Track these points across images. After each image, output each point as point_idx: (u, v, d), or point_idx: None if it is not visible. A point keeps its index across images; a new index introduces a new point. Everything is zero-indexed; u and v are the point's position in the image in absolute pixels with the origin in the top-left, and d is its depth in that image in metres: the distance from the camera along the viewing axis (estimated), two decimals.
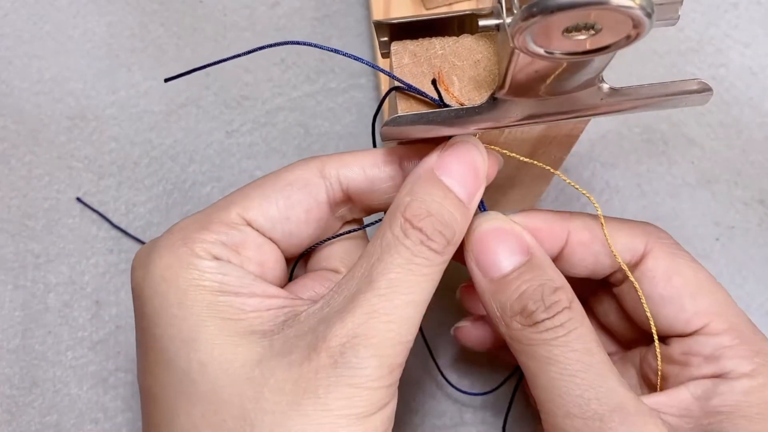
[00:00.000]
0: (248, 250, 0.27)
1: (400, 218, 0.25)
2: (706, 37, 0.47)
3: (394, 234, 0.25)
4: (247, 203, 0.27)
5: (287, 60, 0.47)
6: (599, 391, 0.25)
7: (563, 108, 0.27)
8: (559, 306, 0.26)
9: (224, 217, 0.26)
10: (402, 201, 0.25)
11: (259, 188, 0.27)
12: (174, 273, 0.25)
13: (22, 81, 0.47)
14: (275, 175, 0.28)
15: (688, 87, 0.27)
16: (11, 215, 0.44)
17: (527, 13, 0.20)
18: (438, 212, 0.25)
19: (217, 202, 0.28)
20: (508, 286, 0.27)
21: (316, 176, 0.28)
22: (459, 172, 0.26)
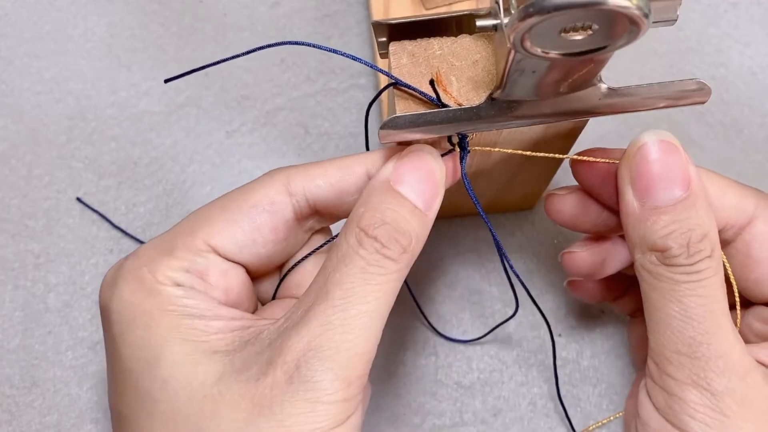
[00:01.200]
0: (213, 276, 0.27)
1: (355, 228, 0.25)
2: (705, 37, 0.47)
3: (349, 244, 0.24)
4: (212, 228, 0.27)
5: (287, 60, 0.47)
6: (712, 337, 0.26)
7: (562, 108, 0.27)
8: (701, 255, 0.26)
9: (189, 243, 0.26)
10: (357, 212, 0.25)
11: (225, 211, 0.27)
12: (139, 298, 0.25)
13: (22, 81, 0.47)
14: (241, 194, 0.28)
15: (688, 87, 0.27)
16: (11, 215, 0.44)
17: (524, 13, 0.20)
18: (393, 220, 0.25)
19: (183, 222, 0.27)
20: (657, 220, 0.27)
21: (281, 194, 0.27)
22: (414, 181, 0.26)
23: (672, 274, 0.26)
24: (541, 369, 0.40)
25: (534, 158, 0.34)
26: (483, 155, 0.32)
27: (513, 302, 0.41)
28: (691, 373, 0.26)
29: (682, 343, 0.26)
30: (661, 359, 0.27)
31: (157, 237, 0.27)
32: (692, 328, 0.26)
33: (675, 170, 0.27)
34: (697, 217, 0.26)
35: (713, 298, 0.26)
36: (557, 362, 0.40)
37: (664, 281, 0.26)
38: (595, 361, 0.40)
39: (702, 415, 0.26)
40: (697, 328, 0.26)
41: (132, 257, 0.27)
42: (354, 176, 0.28)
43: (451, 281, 0.42)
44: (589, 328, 0.41)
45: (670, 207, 0.26)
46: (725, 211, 0.29)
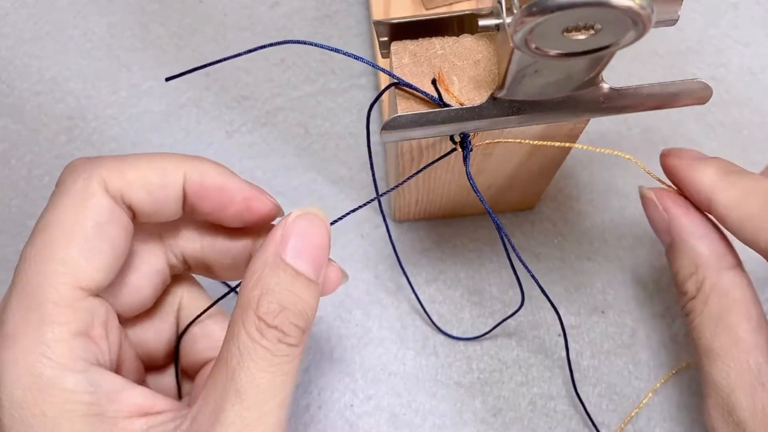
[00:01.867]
0: (96, 327, 0.24)
1: (253, 317, 0.23)
2: (706, 37, 0.47)
3: (250, 336, 0.23)
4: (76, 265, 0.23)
5: (287, 60, 0.47)
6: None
7: (563, 108, 0.27)
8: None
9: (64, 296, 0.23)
10: (252, 296, 0.24)
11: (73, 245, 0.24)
12: (36, 399, 0.22)
13: (22, 81, 0.47)
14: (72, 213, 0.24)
15: (688, 87, 0.27)
16: (11, 215, 0.44)
17: (527, 12, 0.20)
18: (291, 303, 0.24)
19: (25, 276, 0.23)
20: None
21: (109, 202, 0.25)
22: (307, 252, 0.25)
23: None
24: (541, 369, 0.40)
25: (534, 158, 0.34)
26: (483, 155, 0.32)
27: (513, 302, 0.41)
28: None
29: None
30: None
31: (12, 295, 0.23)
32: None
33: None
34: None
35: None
36: (558, 362, 0.40)
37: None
38: (595, 361, 0.40)
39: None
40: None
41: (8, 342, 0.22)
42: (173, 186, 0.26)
43: (451, 281, 0.42)
44: (589, 328, 0.41)
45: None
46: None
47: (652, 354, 0.40)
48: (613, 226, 0.43)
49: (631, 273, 0.42)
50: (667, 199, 0.32)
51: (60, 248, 0.23)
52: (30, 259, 0.23)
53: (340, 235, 0.42)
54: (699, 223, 0.31)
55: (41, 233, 0.24)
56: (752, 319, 0.29)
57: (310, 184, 0.44)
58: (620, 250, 0.42)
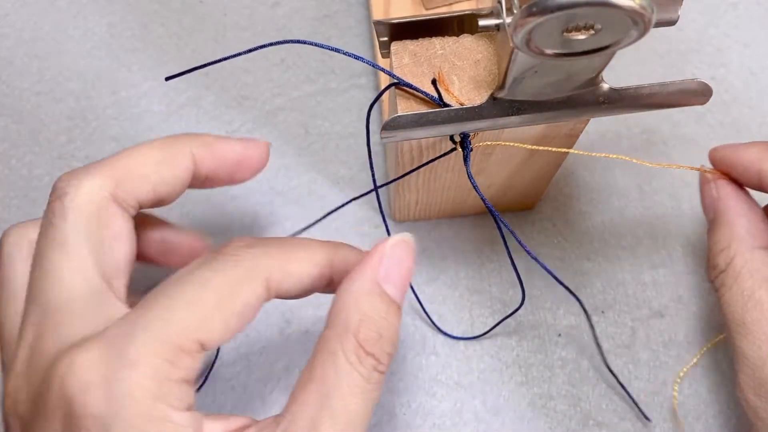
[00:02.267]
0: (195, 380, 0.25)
1: (353, 343, 0.24)
2: (706, 37, 0.47)
3: (348, 360, 0.24)
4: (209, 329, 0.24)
5: (287, 60, 0.47)
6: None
7: (563, 108, 0.27)
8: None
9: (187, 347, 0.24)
10: (352, 320, 0.25)
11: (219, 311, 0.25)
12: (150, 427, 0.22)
13: (22, 81, 0.47)
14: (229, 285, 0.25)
15: (688, 87, 0.27)
16: (11, 215, 0.44)
17: (527, 12, 0.20)
18: (387, 332, 0.25)
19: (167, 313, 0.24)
20: None
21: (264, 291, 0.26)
22: (399, 279, 0.26)
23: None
24: (541, 369, 0.40)
25: (534, 159, 0.34)
26: (483, 155, 0.32)
27: (513, 302, 0.41)
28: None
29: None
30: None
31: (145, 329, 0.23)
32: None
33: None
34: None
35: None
36: (558, 362, 0.40)
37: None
38: (595, 361, 0.40)
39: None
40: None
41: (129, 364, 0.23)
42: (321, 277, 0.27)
43: (451, 281, 0.42)
44: (589, 328, 0.41)
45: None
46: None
47: (652, 354, 0.40)
48: (613, 226, 0.43)
49: (631, 273, 0.42)
50: (720, 179, 0.34)
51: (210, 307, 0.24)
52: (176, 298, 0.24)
53: (340, 235, 0.42)
54: (742, 203, 0.33)
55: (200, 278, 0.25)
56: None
57: (310, 184, 0.44)
58: (620, 250, 0.42)
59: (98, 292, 0.26)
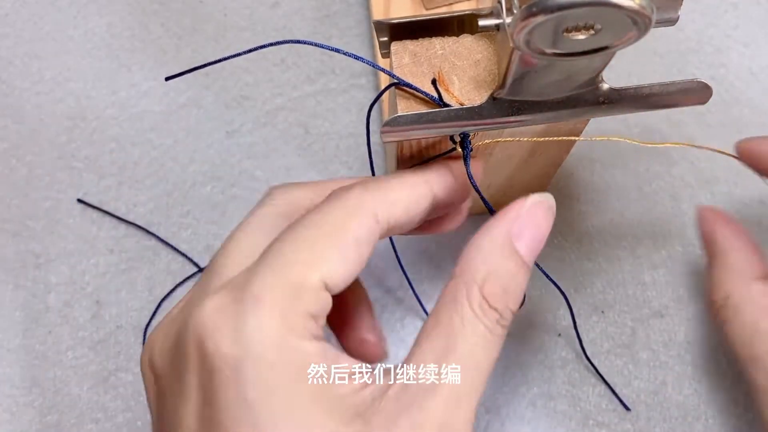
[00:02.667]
0: (323, 318, 0.25)
1: (478, 295, 0.25)
2: (706, 37, 0.47)
3: (473, 311, 0.24)
4: (329, 266, 0.25)
5: (287, 60, 0.47)
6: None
7: (563, 108, 0.27)
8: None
9: (309, 283, 0.24)
10: (479, 270, 0.25)
11: (334, 245, 0.25)
12: (283, 359, 0.23)
13: (23, 81, 0.47)
14: (338, 223, 0.26)
15: (688, 87, 0.27)
16: (12, 215, 0.44)
17: (527, 12, 0.20)
18: (513, 290, 0.25)
19: (286, 254, 0.25)
20: None
21: (374, 224, 0.26)
22: (533, 240, 0.26)
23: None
24: (541, 369, 0.40)
25: (534, 159, 0.34)
26: (483, 155, 0.32)
27: None
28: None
29: None
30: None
31: (267, 268, 0.24)
32: None
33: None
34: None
35: None
36: (558, 362, 0.40)
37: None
38: (595, 361, 0.40)
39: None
40: None
41: (252, 301, 0.24)
42: (424, 197, 0.28)
43: None
44: (589, 328, 0.41)
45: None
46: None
47: (652, 354, 0.40)
48: (613, 226, 0.43)
49: (631, 273, 0.42)
50: (713, 214, 0.34)
51: (323, 243, 0.25)
52: (291, 241, 0.25)
53: None
54: (735, 236, 0.33)
55: (315, 225, 0.26)
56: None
57: None
58: (620, 250, 0.42)
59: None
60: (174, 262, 0.43)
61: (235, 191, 0.44)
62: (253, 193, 0.44)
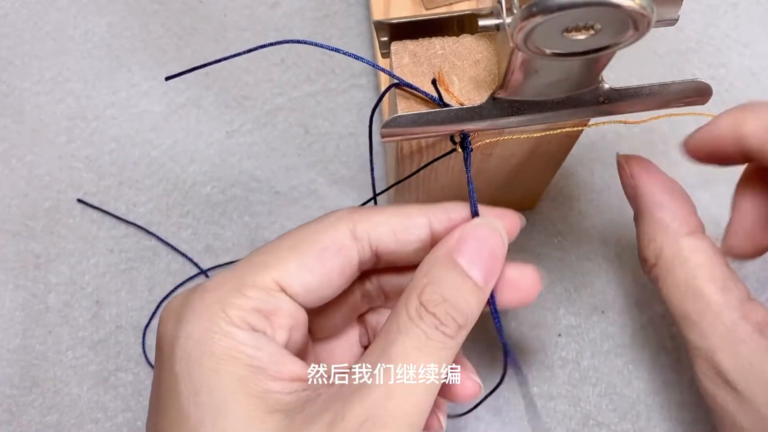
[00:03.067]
0: (280, 317, 0.26)
1: (415, 300, 0.25)
2: (705, 37, 0.47)
3: (409, 316, 0.25)
4: (284, 268, 0.26)
5: (287, 60, 0.47)
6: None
7: (563, 108, 0.27)
8: None
9: (260, 281, 0.26)
10: (419, 282, 0.26)
11: (295, 252, 0.26)
12: (209, 338, 0.25)
13: (23, 81, 0.47)
14: (308, 234, 0.27)
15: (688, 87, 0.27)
16: (12, 215, 0.44)
17: (527, 13, 0.20)
18: (453, 298, 0.25)
19: (250, 259, 0.27)
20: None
21: (348, 239, 0.27)
22: (478, 257, 0.26)
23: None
24: (541, 369, 0.40)
25: (534, 159, 0.34)
26: (482, 156, 0.32)
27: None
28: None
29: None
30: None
31: (224, 272, 0.26)
32: None
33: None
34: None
35: None
36: (558, 362, 0.40)
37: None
38: (595, 361, 0.40)
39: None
40: None
41: (200, 291, 0.26)
42: (417, 227, 0.28)
43: None
44: (589, 328, 0.41)
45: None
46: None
47: (652, 354, 0.40)
48: (613, 226, 0.43)
49: (631, 273, 0.42)
50: (635, 165, 0.32)
51: (285, 250, 0.27)
52: (264, 248, 0.27)
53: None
54: (661, 190, 0.31)
55: (285, 238, 0.27)
56: (717, 280, 0.30)
57: (310, 184, 0.44)
58: (620, 250, 0.42)
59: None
60: (174, 262, 0.43)
61: (235, 191, 0.44)
62: (253, 193, 0.44)
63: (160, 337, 0.26)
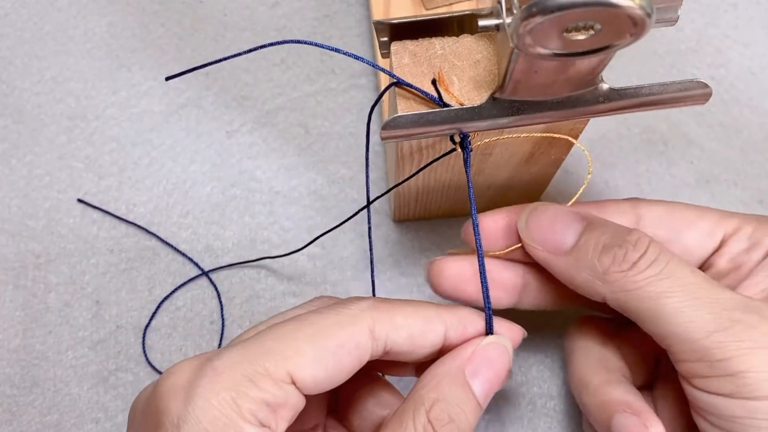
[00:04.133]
0: (285, 410, 0.26)
1: (424, 418, 0.26)
2: (705, 37, 0.47)
3: (416, 430, 0.25)
4: (299, 361, 0.25)
5: (287, 60, 0.47)
6: (722, 301, 0.26)
7: (563, 108, 0.27)
8: (645, 241, 0.27)
9: (273, 371, 0.25)
10: (428, 397, 0.26)
11: (312, 345, 0.26)
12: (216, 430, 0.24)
13: (23, 81, 0.47)
14: (327, 326, 0.27)
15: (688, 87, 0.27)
16: (12, 215, 0.44)
17: (527, 13, 0.20)
18: (458, 419, 0.26)
19: (264, 341, 0.26)
20: (586, 248, 0.28)
21: (366, 338, 0.27)
22: (486, 378, 0.27)
23: (642, 274, 0.27)
24: (541, 369, 0.40)
25: (533, 159, 0.34)
26: (482, 156, 0.32)
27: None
28: (739, 343, 0.25)
29: (709, 323, 0.26)
30: (702, 350, 0.26)
31: (239, 349, 0.26)
32: (703, 305, 0.26)
33: (564, 215, 0.30)
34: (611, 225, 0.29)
35: (691, 271, 0.27)
36: (558, 362, 0.40)
37: (642, 285, 0.27)
38: None
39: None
40: (706, 303, 0.26)
41: (211, 372, 0.25)
42: (434, 334, 0.28)
43: None
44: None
45: (584, 236, 0.28)
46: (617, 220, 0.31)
47: None
48: None
49: None
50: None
51: (302, 341, 0.26)
52: (275, 330, 0.26)
53: (340, 235, 0.42)
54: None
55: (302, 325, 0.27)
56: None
57: (310, 184, 0.44)
58: None
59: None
60: (174, 262, 0.43)
61: (235, 191, 0.44)
62: (253, 194, 0.44)
63: (162, 411, 0.25)
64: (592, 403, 0.31)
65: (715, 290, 0.26)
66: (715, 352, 0.25)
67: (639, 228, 0.31)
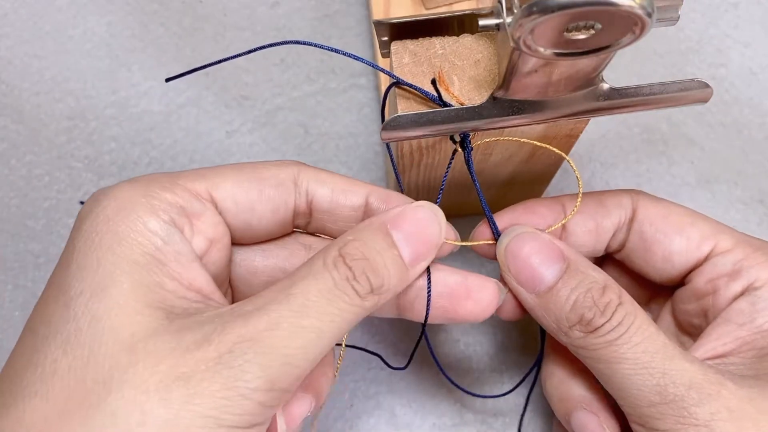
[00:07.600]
0: (203, 223, 0.26)
1: (335, 251, 0.25)
2: (706, 37, 0.47)
3: (324, 263, 0.24)
4: (219, 181, 0.27)
5: (287, 60, 0.47)
6: (672, 375, 0.26)
7: (563, 108, 0.27)
8: (612, 305, 0.27)
9: (191, 186, 0.26)
10: (344, 237, 0.25)
11: (235, 172, 0.27)
12: (120, 218, 0.24)
13: (22, 81, 0.47)
14: (252, 165, 0.28)
15: (688, 87, 0.27)
16: (11, 215, 0.44)
17: (528, 12, 0.20)
18: (373, 259, 0.25)
19: (188, 171, 0.27)
20: (557, 298, 0.28)
21: (290, 180, 0.28)
22: (410, 234, 0.26)
23: (602, 338, 0.27)
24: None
25: (534, 159, 0.34)
26: (483, 156, 0.32)
27: None
28: (678, 418, 0.26)
29: (652, 394, 0.26)
30: (644, 419, 0.27)
31: (159, 173, 0.26)
32: (651, 377, 0.26)
33: (546, 251, 0.29)
34: (588, 276, 0.28)
35: (650, 338, 0.27)
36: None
37: (600, 348, 0.27)
38: None
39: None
40: (655, 375, 0.26)
41: (130, 180, 0.25)
42: (355, 195, 0.29)
43: None
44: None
45: (560, 281, 0.28)
46: (612, 214, 0.31)
47: None
48: None
49: None
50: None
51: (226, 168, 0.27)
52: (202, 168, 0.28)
53: None
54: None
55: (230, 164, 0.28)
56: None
57: None
58: None
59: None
60: None
61: None
62: None
63: (78, 214, 0.25)
64: (555, 394, 0.32)
65: (669, 362, 0.26)
66: (658, 423, 0.26)
67: (632, 223, 0.31)
